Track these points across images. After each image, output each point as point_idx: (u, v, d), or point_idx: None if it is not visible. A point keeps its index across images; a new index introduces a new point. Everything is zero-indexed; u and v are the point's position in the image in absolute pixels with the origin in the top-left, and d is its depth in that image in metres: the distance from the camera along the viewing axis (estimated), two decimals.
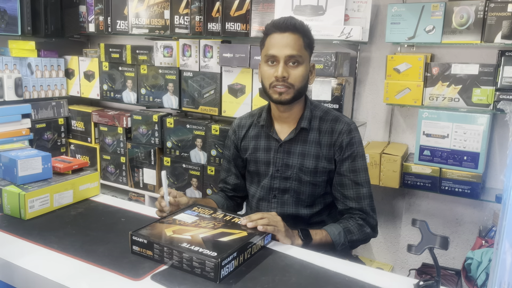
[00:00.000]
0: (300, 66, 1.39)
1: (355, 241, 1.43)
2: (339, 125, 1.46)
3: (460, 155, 1.91)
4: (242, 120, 1.64)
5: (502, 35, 1.81)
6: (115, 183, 2.80)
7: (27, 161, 1.46)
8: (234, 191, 1.67)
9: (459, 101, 1.93)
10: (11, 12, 2.50)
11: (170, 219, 1.29)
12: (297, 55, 1.37)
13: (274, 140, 1.51)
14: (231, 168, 1.65)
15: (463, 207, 2.13)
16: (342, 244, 1.40)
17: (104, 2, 2.63)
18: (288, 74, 1.38)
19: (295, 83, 1.39)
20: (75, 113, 2.90)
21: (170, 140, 2.53)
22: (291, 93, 1.40)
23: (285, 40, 1.37)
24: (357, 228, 1.43)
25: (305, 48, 1.41)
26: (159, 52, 2.51)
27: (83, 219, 1.41)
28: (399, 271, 2.34)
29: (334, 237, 1.39)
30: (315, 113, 1.50)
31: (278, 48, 1.37)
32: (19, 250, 1.19)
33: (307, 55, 1.43)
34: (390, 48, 2.18)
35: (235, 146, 1.62)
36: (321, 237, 1.37)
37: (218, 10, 2.25)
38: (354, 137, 1.46)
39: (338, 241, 1.39)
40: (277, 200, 1.52)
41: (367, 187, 1.46)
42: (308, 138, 1.47)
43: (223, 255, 1.05)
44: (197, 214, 1.33)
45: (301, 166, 1.47)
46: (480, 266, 1.70)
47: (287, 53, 1.36)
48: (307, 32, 1.42)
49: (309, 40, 1.43)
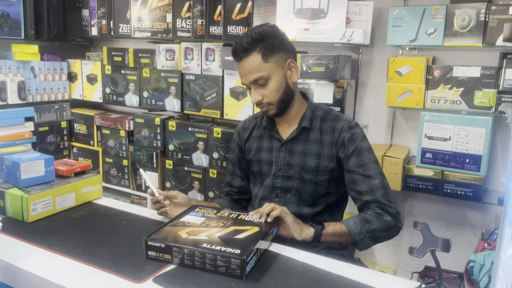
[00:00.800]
0: (268, 82, 1.40)
1: (375, 230, 1.35)
2: (340, 123, 1.47)
3: (462, 157, 1.90)
4: (246, 122, 1.67)
5: (503, 38, 1.81)
6: (117, 186, 2.81)
7: (29, 164, 1.46)
8: (239, 193, 1.68)
9: (461, 104, 1.93)
10: (14, 16, 2.52)
11: (178, 221, 1.28)
12: (258, 76, 1.39)
13: (276, 140, 1.53)
14: (236, 171, 1.66)
15: (466, 210, 2.13)
16: (360, 233, 1.32)
17: (107, 6, 2.65)
18: (261, 95, 1.42)
19: (271, 100, 1.42)
20: (77, 116, 2.91)
21: (172, 143, 2.54)
22: (273, 108, 1.45)
23: (244, 68, 1.41)
24: (374, 217, 1.36)
25: (266, 60, 1.38)
26: (161, 55, 2.52)
27: (85, 222, 1.41)
28: (401, 274, 2.34)
29: (349, 226, 1.33)
30: (317, 113, 1.51)
31: (242, 76, 1.44)
32: (22, 253, 1.20)
33: (272, 64, 1.39)
34: (391, 51, 2.18)
35: (239, 148, 1.64)
36: (335, 227, 1.33)
37: (220, 14, 2.26)
38: (356, 133, 1.45)
39: (355, 230, 1.33)
40: (279, 199, 1.53)
41: (379, 178, 1.41)
42: (310, 137, 1.48)
43: (247, 252, 1.07)
44: (202, 215, 1.33)
45: (303, 165, 1.48)
46: (482, 269, 1.69)
47: (250, 79, 1.40)
48: (264, 41, 1.37)
49: (269, 48, 1.38)
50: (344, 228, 1.34)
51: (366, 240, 1.35)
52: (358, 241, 1.34)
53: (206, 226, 1.24)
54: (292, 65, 1.45)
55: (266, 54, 1.38)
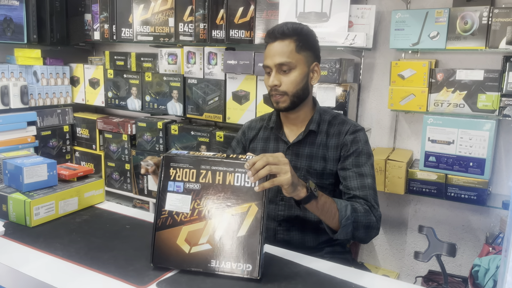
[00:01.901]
0: (292, 71, 1.40)
1: (359, 223, 1.29)
2: (346, 127, 1.48)
3: (466, 161, 1.90)
4: (253, 122, 1.66)
5: (507, 41, 1.80)
6: (119, 190, 2.80)
7: (32, 169, 1.46)
8: None
9: (464, 107, 1.92)
10: (17, 21, 2.52)
11: (165, 213, 1.14)
12: (286, 61, 1.39)
13: (282, 142, 1.53)
14: None
15: (469, 214, 2.12)
16: (347, 218, 1.25)
17: (109, 10, 2.65)
18: (279, 82, 1.41)
19: (287, 90, 1.41)
20: (80, 120, 2.92)
21: (174, 147, 2.53)
22: (286, 100, 1.43)
23: (274, 49, 1.41)
24: (363, 210, 1.31)
25: (298, 51, 1.40)
26: (164, 59, 2.52)
27: (88, 226, 1.41)
28: (405, 278, 2.32)
29: (340, 207, 1.25)
30: (324, 117, 1.51)
31: (269, 58, 1.42)
32: (24, 257, 1.19)
33: (301, 58, 1.41)
34: (394, 54, 2.18)
35: (243, 147, 1.63)
36: (326, 200, 1.23)
37: (222, 18, 2.26)
38: (359, 136, 1.45)
39: (343, 213, 1.25)
40: (284, 202, 1.52)
41: (372, 179, 1.40)
42: (316, 141, 1.48)
43: (257, 266, 1.08)
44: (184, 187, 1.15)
45: (309, 168, 1.47)
46: (487, 273, 1.68)
47: (276, 61, 1.39)
48: (301, 35, 1.41)
49: (304, 42, 1.41)
50: (334, 206, 1.25)
51: (349, 227, 1.26)
52: (342, 226, 1.25)
53: (199, 216, 1.12)
54: (316, 69, 1.47)
55: (300, 46, 1.40)
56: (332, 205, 1.24)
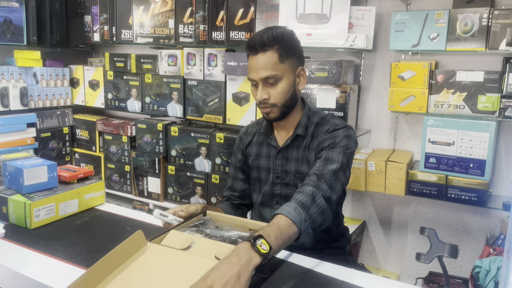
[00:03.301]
0: (278, 83, 1.38)
1: (313, 215, 1.19)
2: (326, 127, 1.46)
3: (466, 162, 1.90)
4: (249, 127, 1.67)
5: (506, 42, 1.81)
6: (119, 191, 2.80)
7: (33, 170, 1.46)
8: (241, 198, 1.67)
9: (464, 108, 1.92)
10: (17, 22, 2.52)
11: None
12: (271, 75, 1.36)
13: (273, 147, 1.54)
14: (237, 175, 1.65)
15: (470, 215, 2.12)
16: (305, 220, 1.14)
17: (109, 12, 2.65)
18: (268, 95, 1.39)
19: (276, 102, 1.40)
20: (79, 122, 2.91)
21: (174, 149, 2.53)
22: (276, 111, 1.42)
23: (257, 62, 1.37)
24: (309, 199, 1.20)
25: (282, 61, 1.36)
26: (164, 61, 2.52)
27: (89, 228, 1.41)
28: (405, 279, 2.32)
29: (292, 215, 1.12)
30: (313, 120, 1.49)
31: (253, 71, 1.39)
32: (25, 259, 1.19)
33: (286, 67, 1.38)
34: (394, 55, 2.18)
35: (242, 152, 1.64)
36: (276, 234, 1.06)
37: (222, 19, 2.26)
38: (338, 132, 1.41)
39: (298, 218, 1.13)
40: (279, 206, 1.52)
41: (335, 165, 1.32)
42: (303, 144, 1.48)
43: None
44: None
45: (296, 172, 1.48)
46: (488, 275, 1.68)
47: (262, 75, 1.36)
48: (283, 42, 1.36)
49: (286, 50, 1.37)
50: (286, 224, 1.10)
51: (308, 227, 1.17)
52: (302, 231, 1.14)
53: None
54: (302, 73, 1.45)
55: (283, 55, 1.37)
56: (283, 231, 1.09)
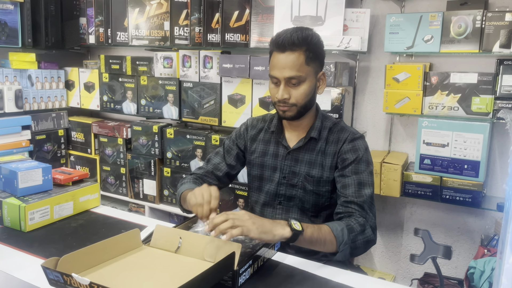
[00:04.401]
0: (302, 84, 1.38)
1: (357, 242, 1.27)
2: (344, 134, 1.46)
3: (461, 163, 1.91)
4: (254, 121, 1.63)
5: (500, 44, 1.82)
6: (115, 194, 2.79)
7: (27, 173, 1.45)
8: (219, 179, 1.60)
9: (458, 110, 1.94)
10: (11, 25, 2.52)
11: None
12: (296, 75, 1.35)
13: (282, 147, 1.52)
14: (227, 157, 1.61)
15: (465, 216, 2.13)
16: (345, 243, 1.23)
17: (105, 14, 2.65)
18: (289, 95, 1.38)
19: (297, 102, 1.39)
20: (75, 124, 2.90)
21: (170, 151, 2.53)
22: (294, 110, 1.41)
23: (284, 61, 1.35)
24: (359, 227, 1.28)
25: (308, 63, 1.37)
26: (159, 63, 2.52)
27: (84, 231, 1.40)
28: (401, 281, 2.33)
29: (337, 232, 1.22)
30: (326, 124, 1.50)
31: (278, 69, 1.37)
32: (19, 263, 1.19)
33: (311, 69, 1.38)
34: (389, 57, 2.19)
35: (242, 144, 1.61)
36: (313, 231, 1.18)
37: (218, 21, 2.27)
38: (357, 144, 1.44)
39: (341, 238, 1.22)
40: (282, 206, 1.52)
41: (370, 188, 1.38)
42: (316, 148, 1.48)
43: (240, 264, 1.05)
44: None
45: (307, 175, 1.47)
46: (483, 275, 1.69)
47: (286, 75, 1.35)
48: (311, 44, 1.37)
49: (313, 52, 1.38)
50: (328, 233, 1.21)
51: (347, 250, 1.25)
52: (340, 251, 1.23)
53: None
54: (322, 78, 1.45)
55: (309, 58, 1.37)
56: (321, 234, 1.20)
